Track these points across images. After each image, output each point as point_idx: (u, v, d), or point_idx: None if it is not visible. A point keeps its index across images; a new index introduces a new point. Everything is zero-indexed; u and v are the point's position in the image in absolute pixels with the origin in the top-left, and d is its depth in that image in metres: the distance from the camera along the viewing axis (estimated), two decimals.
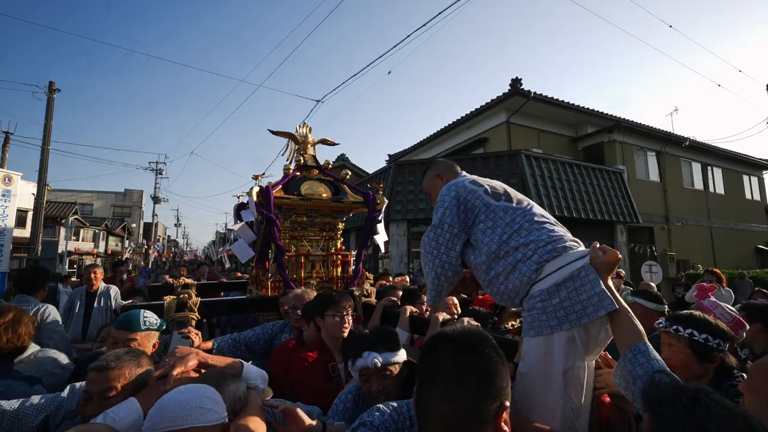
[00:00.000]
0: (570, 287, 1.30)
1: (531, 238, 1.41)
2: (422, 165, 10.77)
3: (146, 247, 34.00)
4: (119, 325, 1.72)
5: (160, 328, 1.81)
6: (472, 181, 1.61)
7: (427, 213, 10.01)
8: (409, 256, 10.22)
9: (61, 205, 23.90)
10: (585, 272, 1.31)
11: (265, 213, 2.91)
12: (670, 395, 0.82)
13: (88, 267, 4.18)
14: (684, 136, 14.21)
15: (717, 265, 13.08)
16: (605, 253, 1.32)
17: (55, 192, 27.16)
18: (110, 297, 3.99)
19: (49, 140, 11.74)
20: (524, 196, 1.63)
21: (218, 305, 2.97)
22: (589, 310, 1.26)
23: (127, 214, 37.97)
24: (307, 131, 3.63)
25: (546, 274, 1.35)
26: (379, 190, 3.50)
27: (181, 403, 1.01)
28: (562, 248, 1.37)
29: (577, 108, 12.36)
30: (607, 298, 1.26)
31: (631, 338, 1.18)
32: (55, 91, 12.06)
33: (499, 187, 1.60)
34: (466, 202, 1.52)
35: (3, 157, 13.56)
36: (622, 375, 1.14)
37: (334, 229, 3.51)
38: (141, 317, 1.74)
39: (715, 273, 5.15)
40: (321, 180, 3.42)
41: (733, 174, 16.60)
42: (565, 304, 1.29)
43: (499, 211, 1.49)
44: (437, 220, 1.56)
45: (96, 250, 28.29)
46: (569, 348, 1.27)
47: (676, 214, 13.63)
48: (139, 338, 1.69)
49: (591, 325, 1.28)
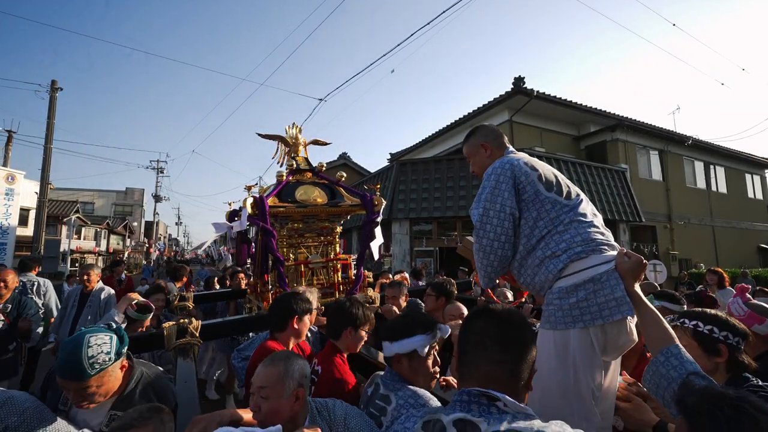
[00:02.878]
0: (589, 289, 1.33)
1: (565, 237, 1.42)
2: (425, 164, 10.77)
3: (147, 245, 34.08)
4: (63, 374, 1.32)
5: (120, 353, 1.43)
6: (527, 162, 1.55)
7: (430, 212, 10.02)
8: (412, 254, 10.22)
9: (63, 204, 23.92)
10: (607, 276, 1.33)
11: (261, 225, 2.77)
12: (710, 404, 0.76)
13: (84, 267, 4.21)
14: (687, 135, 14.16)
15: (719, 264, 13.07)
16: (630, 258, 1.33)
17: (57, 191, 27.22)
18: (100, 299, 3.99)
19: (51, 139, 11.75)
20: (575, 188, 1.59)
21: (221, 327, 2.72)
22: (605, 313, 1.29)
23: (129, 212, 38.00)
24: (297, 132, 3.44)
25: (570, 273, 1.38)
26: (376, 191, 3.37)
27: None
28: (591, 250, 1.39)
29: (579, 107, 12.33)
30: (624, 304, 1.28)
31: (662, 342, 1.17)
32: (57, 90, 12.07)
33: (551, 176, 1.54)
34: (519, 185, 1.48)
35: (6, 155, 13.57)
36: (653, 379, 1.12)
37: (332, 234, 3.39)
38: (85, 359, 1.31)
39: (717, 272, 5.19)
40: (315, 183, 3.27)
41: (736, 173, 16.56)
42: (581, 305, 1.32)
43: (547, 203, 1.48)
44: (488, 197, 1.50)
45: (97, 248, 28.34)
46: (582, 345, 1.31)
47: (679, 213, 13.61)
48: (94, 384, 1.34)
49: (608, 327, 1.31)
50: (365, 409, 1.48)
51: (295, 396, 1.24)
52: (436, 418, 0.88)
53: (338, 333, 1.88)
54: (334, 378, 1.69)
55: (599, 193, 10.80)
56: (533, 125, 12.76)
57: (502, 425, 0.78)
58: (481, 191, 1.54)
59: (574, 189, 1.57)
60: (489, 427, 0.79)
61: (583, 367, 1.30)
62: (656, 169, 13.68)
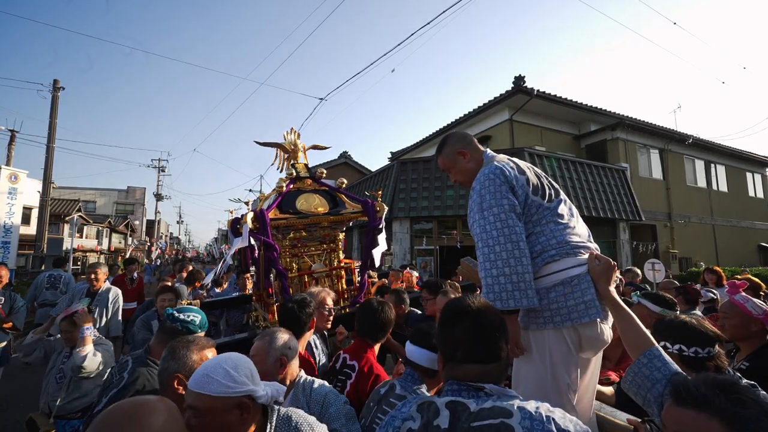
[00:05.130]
0: (560, 291, 1.38)
1: (541, 239, 1.46)
2: (425, 163, 10.80)
3: (149, 244, 34.16)
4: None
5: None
6: (514, 167, 1.55)
7: (430, 210, 10.06)
8: (412, 253, 10.27)
9: (65, 203, 24.01)
10: (578, 280, 1.38)
11: (263, 239, 2.73)
12: (736, 393, 0.77)
13: (91, 266, 4.15)
14: (687, 134, 14.16)
15: (719, 263, 13.09)
16: (601, 262, 1.38)
17: (59, 189, 27.30)
18: (108, 299, 3.98)
19: (54, 138, 11.81)
20: (557, 189, 1.62)
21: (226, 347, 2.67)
22: (573, 315, 1.35)
23: (130, 211, 38.09)
24: (296, 138, 3.39)
25: (543, 275, 1.43)
26: (378, 197, 3.31)
27: (203, 367, 1.11)
28: (565, 253, 1.43)
29: (580, 105, 12.34)
30: (593, 308, 1.34)
31: (641, 344, 1.20)
32: (59, 89, 12.12)
33: (536, 179, 1.56)
34: (512, 189, 1.47)
35: (9, 155, 13.63)
36: (635, 380, 1.15)
37: (335, 241, 3.33)
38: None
39: (716, 272, 5.16)
40: (316, 191, 3.21)
41: (737, 171, 16.54)
42: (552, 306, 1.38)
43: (532, 207, 1.50)
44: (492, 202, 1.41)
45: (99, 247, 28.45)
46: (557, 343, 1.37)
47: (679, 211, 13.62)
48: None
49: (581, 328, 1.37)
50: (376, 406, 1.54)
51: (280, 363, 1.50)
52: (430, 401, 0.94)
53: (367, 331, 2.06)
54: (374, 374, 1.88)
55: (599, 192, 10.82)
56: (534, 124, 12.78)
57: (488, 403, 0.88)
58: (480, 200, 1.45)
59: (554, 190, 1.59)
60: (477, 406, 0.89)
61: (558, 364, 1.35)
62: (657, 168, 13.68)
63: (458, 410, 0.89)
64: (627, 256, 11.38)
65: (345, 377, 1.91)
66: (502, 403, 0.88)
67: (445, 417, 0.88)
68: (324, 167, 3.63)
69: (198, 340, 1.50)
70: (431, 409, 0.92)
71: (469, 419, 0.86)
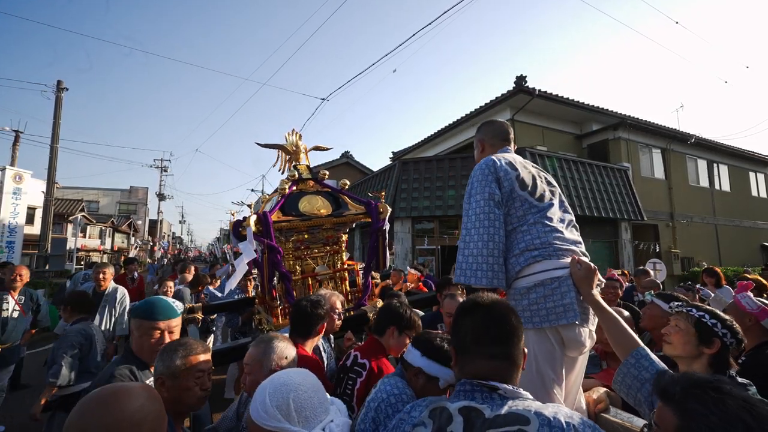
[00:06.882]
0: (540, 293, 1.41)
1: (526, 237, 1.48)
2: (426, 163, 10.82)
3: (152, 244, 34.30)
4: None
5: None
6: (508, 162, 1.60)
7: (431, 210, 10.08)
8: (414, 253, 10.29)
9: (68, 203, 24.15)
10: (559, 283, 1.40)
11: (266, 242, 2.73)
12: (693, 389, 0.78)
13: (98, 266, 4.11)
14: (690, 133, 14.11)
15: (722, 263, 13.07)
16: (582, 266, 1.40)
17: (63, 189, 27.42)
18: (116, 300, 3.95)
19: (57, 138, 11.88)
20: (553, 189, 1.64)
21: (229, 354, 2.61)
22: (552, 317, 1.38)
23: (133, 211, 38.26)
24: (297, 139, 3.38)
25: (525, 274, 1.45)
26: (381, 198, 3.29)
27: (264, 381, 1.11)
28: (548, 255, 1.45)
29: (581, 105, 12.32)
30: (571, 311, 1.35)
31: (627, 344, 1.22)
32: (63, 90, 12.19)
33: (529, 178, 1.59)
34: (499, 180, 1.54)
35: (13, 155, 13.71)
36: (624, 381, 1.16)
37: (338, 242, 3.32)
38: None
39: (715, 273, 5.08)
40: (318, 192, 3.20)
41: (740, 171, 16.47)
42: (532, 307, 1.41)
43: (517, 201, 1.53)
44: (477, 189, 1.53)
45: (102, 246, 28.60)
46: (540, 341, 1.40)
47: (681, 211, 13.58)
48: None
49: (562, 329, 1.39)
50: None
51: (274, 373, 1.43)
52: (442, 406, 0.92)
53: (382, 330, 2.00)
54: (384, 374, 1.81)
55: (601, 192, 10.81)
56: (535, 124, 12.76)
57: (503, 409, 0.85)
58: (470, 188, 1.58)
59: (548, 194, 1.62)
60: (492, 412, 0.85)
61: (542, 361, 1.38)
62: (659, 168, 13.64)
63: (472, 417, 0.86)
64: (629, 256, 11.37)
65: (356, 375, 1.89)
66: (518, 408, 0.85)
67: (458, 424, 0.86)
68: (325, 167, 3.65)
69: (187, 344, 1.46)
70: (444, 415, 0.89)
71: (483, 426, 0.83)
